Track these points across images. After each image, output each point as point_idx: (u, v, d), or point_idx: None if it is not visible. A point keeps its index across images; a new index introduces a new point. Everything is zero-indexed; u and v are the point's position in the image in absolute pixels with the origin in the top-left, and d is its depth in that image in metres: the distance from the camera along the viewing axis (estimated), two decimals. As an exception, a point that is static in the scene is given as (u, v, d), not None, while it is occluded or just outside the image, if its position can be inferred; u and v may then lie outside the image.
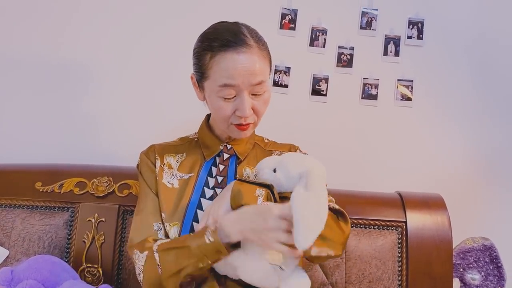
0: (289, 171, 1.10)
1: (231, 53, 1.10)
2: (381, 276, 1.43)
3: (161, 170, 1.23)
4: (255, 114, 1.17)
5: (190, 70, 1.22)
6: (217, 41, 1.12)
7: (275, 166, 1.13)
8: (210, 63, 1.12)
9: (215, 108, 1.17)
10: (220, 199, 1.10)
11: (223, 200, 1.09)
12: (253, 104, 1.15)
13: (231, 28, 1.14)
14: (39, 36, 1.71)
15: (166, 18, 1.74)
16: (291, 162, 1.11)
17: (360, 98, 1.77)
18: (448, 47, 1.78)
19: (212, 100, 1.16)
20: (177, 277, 1.06)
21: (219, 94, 1.13)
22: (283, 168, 1.11)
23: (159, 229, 1.17)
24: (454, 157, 1.77)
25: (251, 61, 1.11)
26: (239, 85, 1.11)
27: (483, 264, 1.52)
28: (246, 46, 1.11)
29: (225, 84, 1.11)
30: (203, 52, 1.14)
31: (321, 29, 1.76)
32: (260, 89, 1.14)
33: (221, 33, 1.13)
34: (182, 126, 1.47)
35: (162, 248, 1.09)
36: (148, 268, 1.09)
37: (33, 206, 1.45)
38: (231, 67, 1.10)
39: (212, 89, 1.14)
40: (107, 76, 1.72)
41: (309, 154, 1.35)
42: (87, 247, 1.41)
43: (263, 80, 1.14)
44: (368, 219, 1.47)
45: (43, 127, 1.71)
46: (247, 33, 1.14)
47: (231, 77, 1.10)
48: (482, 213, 1.76)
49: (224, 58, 1.10)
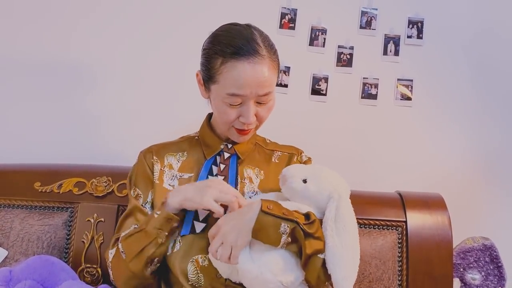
0: (320, 186, 1.11)
1: (243, 63, 1.09)
2: (381, 276, 1.42)
3: (161, 173, 1.23)
4: (257, 120, 1.18)
5: (188, 72, 1.22)
6: (229, 47, 1.11)
7: (306, 176, 1.12)
8: (221, 68, 1.11)
9: (219, 111, 1.17)
10: (239, 225, 1.04)
11: (243, 229, 1.04)
12: (256, 111, 1.15)
13: (245, 34, 1.13)
14: (42, 37, 1.71)
15: (168, 19, 1.73)
16: (324, 177, 1.12)
17: (359, 98, 1.76)
18: (448, 47, 1.78)
19: (217, 103, 1.16)
20: (140, 257, 1.10)
21: (226, 101, 1.13)
22: (316, 181, 1.11)
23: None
24: (454, 157, 1.77)
25: (261, 73, 1.11)
26: (247, 95, 1.12)
27: (484, 264, 1.52)
28: (258, 56, 1.10)
29: (233, 93, 1.11)
30: (214, 55, 1.13)
31: (321, 29, 1.76)
32: (266, 98, 1.15)
33: (234, 39, 1.12)
34: (182, 126, 1.47)
35: (124, 238, 1.14)
36: (115, 259, 1.15)
37: (32, 206, 1.44)
38: (242, 78, 1.09)
39: (219, 94, 1.14)
40: (107, 77, 1.72)
41: (310, 154, 1.35)
42: (86, 247, 1.40)
43: (270, 91, 1.15)
44: (368, 219, 1.46)
45: (42, 127, 1.70)
46: (260, 41, 1.13)
47: (240, 87, 1.10)
48: (482, 213, 1.75)
49: (235, 67, 1.10)
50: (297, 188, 1.11)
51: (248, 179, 1.23)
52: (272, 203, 1.07)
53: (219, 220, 1.07)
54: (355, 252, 1.09)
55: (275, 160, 1.29)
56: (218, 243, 1.04)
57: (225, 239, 1.03)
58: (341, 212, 1.08)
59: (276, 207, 1.06)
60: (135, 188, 1.24)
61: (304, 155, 1.33)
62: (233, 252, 1.03)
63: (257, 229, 1.03)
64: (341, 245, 1.05)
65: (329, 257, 1.05)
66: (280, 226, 1.03)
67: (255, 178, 1.24)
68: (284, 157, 1.30)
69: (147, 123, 1.72)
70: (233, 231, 1.03)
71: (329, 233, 1.06)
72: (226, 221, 1.06)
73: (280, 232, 1.03)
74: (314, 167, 1.17)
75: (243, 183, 1.22)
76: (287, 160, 1.30)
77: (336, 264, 1.05)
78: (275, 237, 1.04)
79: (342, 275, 1.05)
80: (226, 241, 1.03)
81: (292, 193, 1.13)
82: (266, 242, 1.04)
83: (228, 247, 1.03)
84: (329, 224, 1.07)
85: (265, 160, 1.29)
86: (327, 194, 1.10)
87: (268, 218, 1.04)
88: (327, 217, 1.08)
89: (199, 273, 1.12)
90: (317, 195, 1.11)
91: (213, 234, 1.06)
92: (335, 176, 1.15)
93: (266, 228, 1.03)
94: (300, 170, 1.14)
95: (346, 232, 1.07)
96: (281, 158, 1.30)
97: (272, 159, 1.29)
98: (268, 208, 1.04)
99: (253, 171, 1.25)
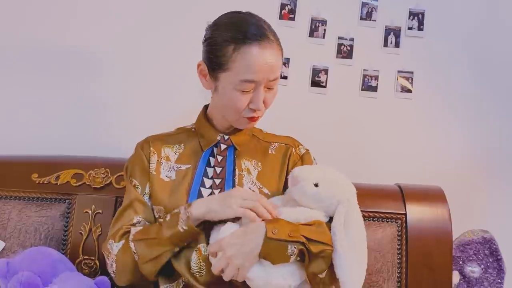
0: (331, 191, 1.10)
1: (256, 48, 1.10)
2: (381, 268, 1.42)
3: (158, 165, 1.23)
4: (264, 106, 1.18)
5: (188, 62, 1.21)
6: (240, 33, 1.10)
7: (317, 180, 1.10)
8: (234, 55, 1.10)
9: (229, 99, 1.15)
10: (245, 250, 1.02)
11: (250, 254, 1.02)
12: (264, 96, 1.16)
13: (252, 20, 1.14)
14: (40, 27, 1.69)
15: (168, 9, 1.71)
16: (335, 182, 1.12)
17: (360, 90, 1.75)
18: (449, 39, 1.77)
19: (227, 92, 1.15)
20: (154, 262, 1.10)
21: (238, 87, 1.12)
22: (327, 186, 1.10)
23: (138, 222, 1.18)
24: (454, 149, 1.76)
25: (273, 57, 1.12)
26: (260, 80, 1.12)
27: (483, 257, 1.52)
28: (269, 41, 1.12)
29: (247, 79, 1.11)
30: (224, 43, 1.12)
31: (321, 20, 1.74)
32: (274, 84, 1.16)
33: (243, 25, 1.12)
34: (179, 117, 1.45)
35: (137, 238, 1.12)
36: (124, 255, 1.13)
37: (30, 197, 1.43)
38: (256, 63, 1.09)
39: (231, 81, 1.13)
40: (105, 68, 1.71)
41: (309, 146, 1.34)
42: (84, 239, 1.40)
43: (278, 76, 1.16)
44: (368, 211, 1.46)
45: (40, 119, 1.69)
46: (266, 27, 1.14)
47: (254, 73, 1.10)
48: (482, 206, 1.75)
49: (249, 52, 1.09)
50: (309, 192, 1.10)
51: (246, 170, 1.23)
52: (277, 225, 1.04)
53: (222, 240, 1.05)
54: (363, 257, 1.09)
55: (272, 152, 1.28)
56: (223, 264, 1.04)
57: (231, 262, 1.02)
58: (350, 217, 1.09)
59: (281, 229, 1.03)
60: (131, 179, 1.23)
61: (301, 147, 1.31)
62: (240, 272, 1.03)
63: (264, 254, 1.02)
64: (350, 250, 1.05)
65: (338, 262, 1.05)
66: (288, 249, 1.02)
67: (253, 170, 1.23)
68: (280, 148, 1.29)
69: (145, 115, 1.71)
70: (239, 256, 1.02)
71: (338, 238, 1.05)
72: (230, 244, 1.04)
73: (288, 254, 1.03)
74: (325, 170, 1.15)
75: (241, 175, 1.21)
76: (283, 151, 1.28)
77: (345, 269, 1.04)
78: (283, 258, 1.03)
79: (350, 280, 1.05)
80: (232, 263, 1.02)
81: (302, 196, 1.11)
82: (274, 263, 1.03)
83: (235, 269, 1.03)
84: (338, 229, 1.06)
85: (262, 152, 1.28)
86: (337, 199, 1.10)
87: (275, 243, 1.02)
88: (336, 222, 1.07)
89: (201, 263, 1.12)
90: (327, 200, 1.10)
91: (213, 252, 1.06)
92: (344, 180, 1.14)
93: (273, 253, 1.03)
94: (312, 173, 1.12)
95: (355, 237, 1.07)
96: (278, 150, 1.29)
97: (269, 150, 1.29)
98: (273, 233, 1.02)
99: (250, 162, 1.24)
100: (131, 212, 1.20)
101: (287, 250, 1.02)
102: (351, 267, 1.05)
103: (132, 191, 1.22)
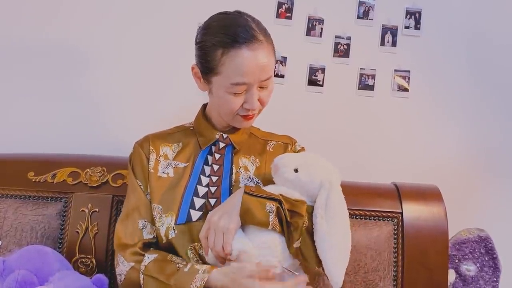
0: (311, 175, 1.11)
1: (245, 50, 1.10)
2: (377, 267, 1.42)
3: (156, 163, 1.24)
4: (260, 104, 1.19)
5: (184, 60, 1.21)
6: (228, 36, 1.10)
7: (297, 165, 1.12)
8: (223, 59, 1.11)
9: (222, 101, 1.16)
10: (227, 211, 1.07)
11: (232, 213, 1.06)
12: (259, 96, 1.16)
13: (240, 22, 1.13)
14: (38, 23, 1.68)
15: (163, 7, 1.71)
16: (315, 166, 1.13)
17: (356, 89, 1.75)
18: (446, 38, 1.77)
19: (220, 94, 1.15)
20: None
21: (230, 90, 1.13)
22: (307, 170, 1.12)
23: (144, 227, 1.19)
24: (450, 148, 1.77)
25: (262, 57, 1.12)
26: (251, 82, 1.12)
27: (479, 256, 1.52)
28: (257, 42, 1.11)
29: (238, 82, 1.11)
30: (212, 47, 1.12)
31: (318, 19, 1.74)
32: (267, 83, 1.16)
33: (231, 27, 1.11)
34: (177, 115, 1.45)
35: (148, 274, 1.11)
36: (131, 278, 1.14)
37: (26, 196, 1.43)
38: (245, 65, 1.10)
39: (222, 84, 1.13)
40: (101, 66, 1.70)
41: (305, 145, 1.35)
42: (80, 237, 1.40)
43: (271, 75, 1.16)
44: (364, 210, 1.46)
45: (36, 117, 1.69)
46: (255, 27, 1.13)
47: (244, 75, 1.10)
48: (478, 204, 1.75)
49: (237, 55, 1.10)
50: (289, 178, 1.12)
51: (243, 168, 1.23)
52: (255, 186, 1.10)
53: (208, 215, 1.09)
54: (346, 238, 1.10)
55: (270, 149, 1.30)
56: (210, 233, 1.06)
57: (216, 227, 1.05)
58: (331, 199, 1.09)
59: (258, 189, 1.10)
60: (135, 177, 1.23)
61: (297, 145, 1.34)
62: (225, 238, 1.04)
63: (244, 211, 1.05)
64: (330, 231, 1.06)
65: (319, 242, 1.07)
66: (266, 206, 1.06)
67: (251, 166, 1.25)
68: (279, 146, 1.31)
69: (142, 113, 1.70)
70: (222, 218, 1.06)
71: (319, 219, 1.07)
72: (213, 213, 1.09)
73: (267, 211, 1.05)
74: (306, 155, 1.18)
75: (238, 173, 1.22)
76: (282, 149, 1.30)
77: (326, 250, 1.06)
78: (262, 216, 1.05)
79: (331, 260, 1.06)
80: (217, 229, 1.05)
81: (284, 182, 1.13)
82: (255, 224, 1.06)
83: (220, 234, 1.04)
84: (318, 211, 1.08)
85: (260, 150, 1.29)
86: (318, 182, 1.11)
87: (253, 199, 1.06)
88: (318, 205, 1.09)
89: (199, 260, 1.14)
90: (308, 184, 1.11)
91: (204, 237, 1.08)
92: (327, 165, 1.15)
93: (252, 209, 1.05)
94: (292, 159, 1.15)
95: (336, 219, 1.08)
96: (276, 147, 1.30)
97: (267, 148, 1.30)
98: (251, 190, 1.08)
99: (248, 159, 1.25)
100: (136, 215, 1.20)
101: (265, 207, 1.06)
102: (332, 248, 1.06)
103: (137, 189, 1.22)
